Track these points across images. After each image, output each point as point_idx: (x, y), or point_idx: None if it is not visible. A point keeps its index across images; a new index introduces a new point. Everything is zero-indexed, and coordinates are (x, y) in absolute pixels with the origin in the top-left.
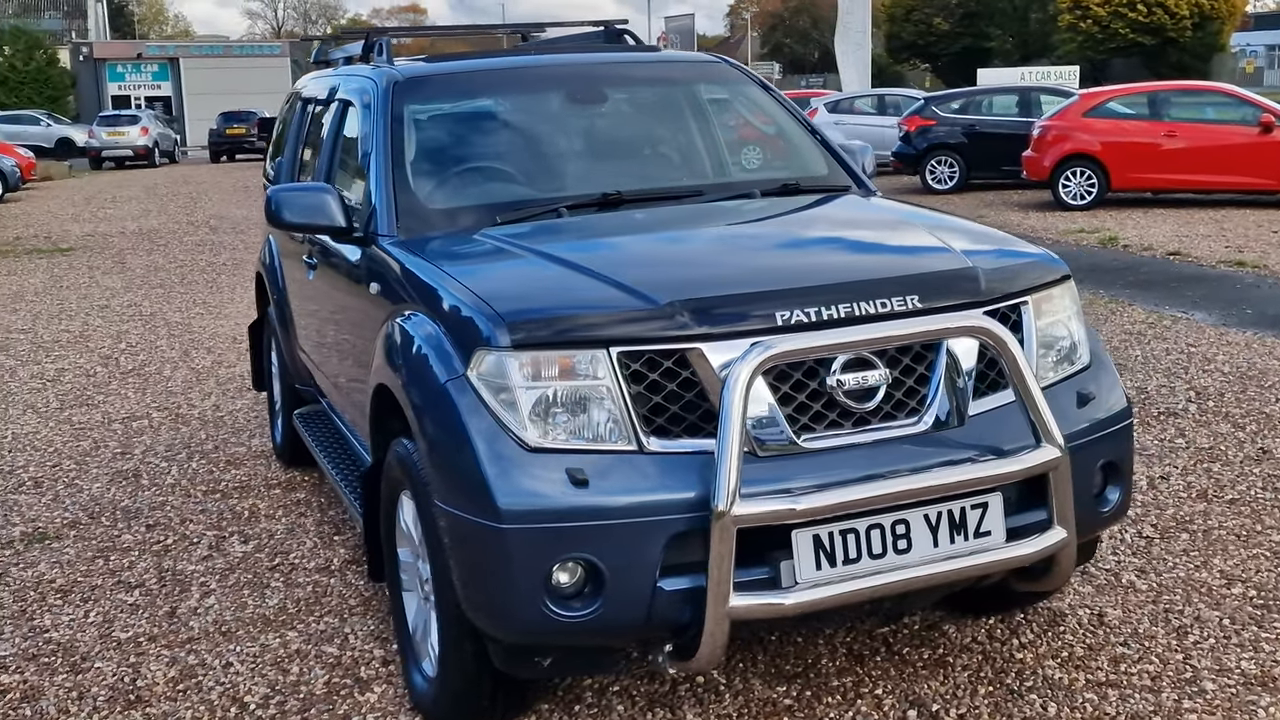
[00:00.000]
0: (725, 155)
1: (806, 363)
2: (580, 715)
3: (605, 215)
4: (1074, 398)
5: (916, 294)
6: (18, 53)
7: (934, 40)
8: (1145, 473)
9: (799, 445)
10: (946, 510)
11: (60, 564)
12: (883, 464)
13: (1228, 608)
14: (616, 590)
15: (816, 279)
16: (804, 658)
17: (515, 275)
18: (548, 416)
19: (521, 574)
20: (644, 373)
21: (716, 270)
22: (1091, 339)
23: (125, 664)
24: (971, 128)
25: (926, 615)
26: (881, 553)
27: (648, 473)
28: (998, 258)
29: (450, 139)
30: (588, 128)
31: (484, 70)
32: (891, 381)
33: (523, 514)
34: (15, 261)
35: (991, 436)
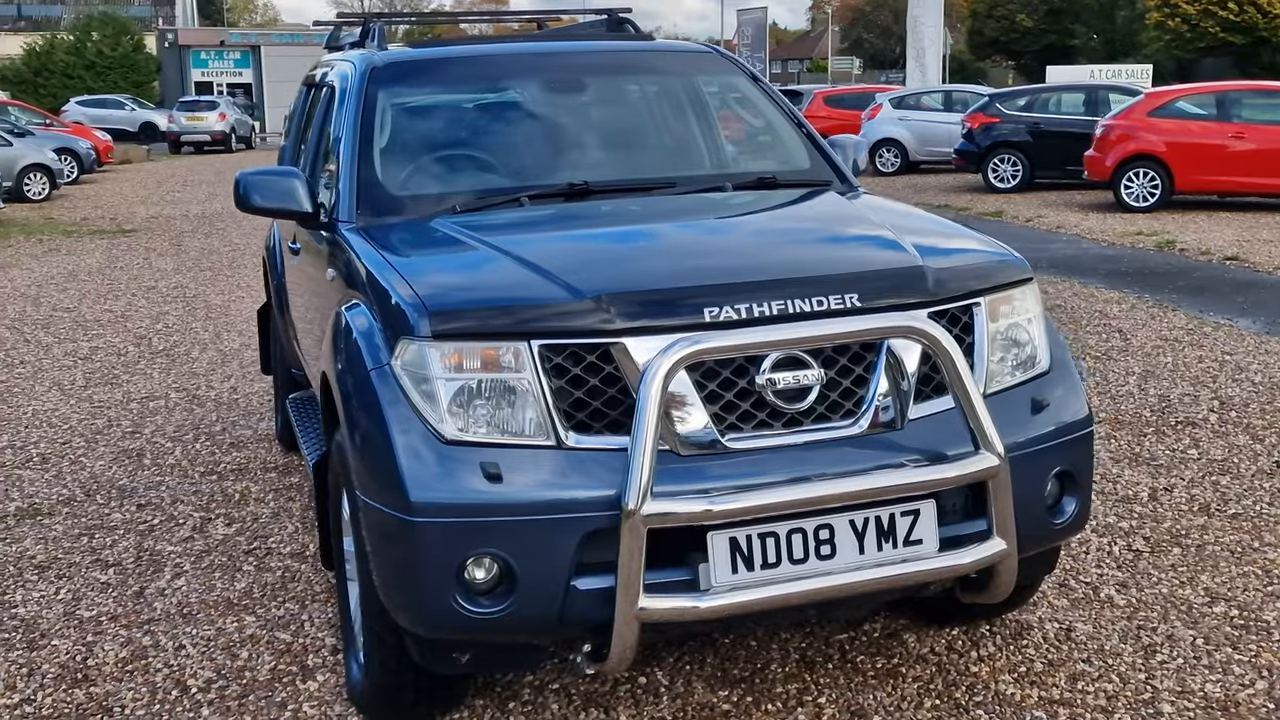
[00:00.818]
0: (704, 147)
1: (736, 360)
2: (514, 713)
3: (565, 206)
4: (1028, 404)
5: (856, 292)
6: (105, 38)
7: (1017, 37)
8: (1149, 484)
9: (723, 445)
10: (874, 516)
11: (45, 540)
12: (811, 466)
13: (1205, 627)
14: (528, 588)
15: (751, 275)
16: (754, 661)
17: (451, 265)
18: (467, 409)
19: (432, 569)
20: (566, 367)
21: (653, 264)
22: (1055, 344)
23: (81, 642)
24: (1036, 126)
25: (888, 623)
26: (803, 558)
27: (565, 469)
28: (954, 257)
29: (422, 126)
30: (564, 117)
31: (463, 57)
32: (827, 382)
33: (434, 507)
34: (77, 241)
35: (932, 441)
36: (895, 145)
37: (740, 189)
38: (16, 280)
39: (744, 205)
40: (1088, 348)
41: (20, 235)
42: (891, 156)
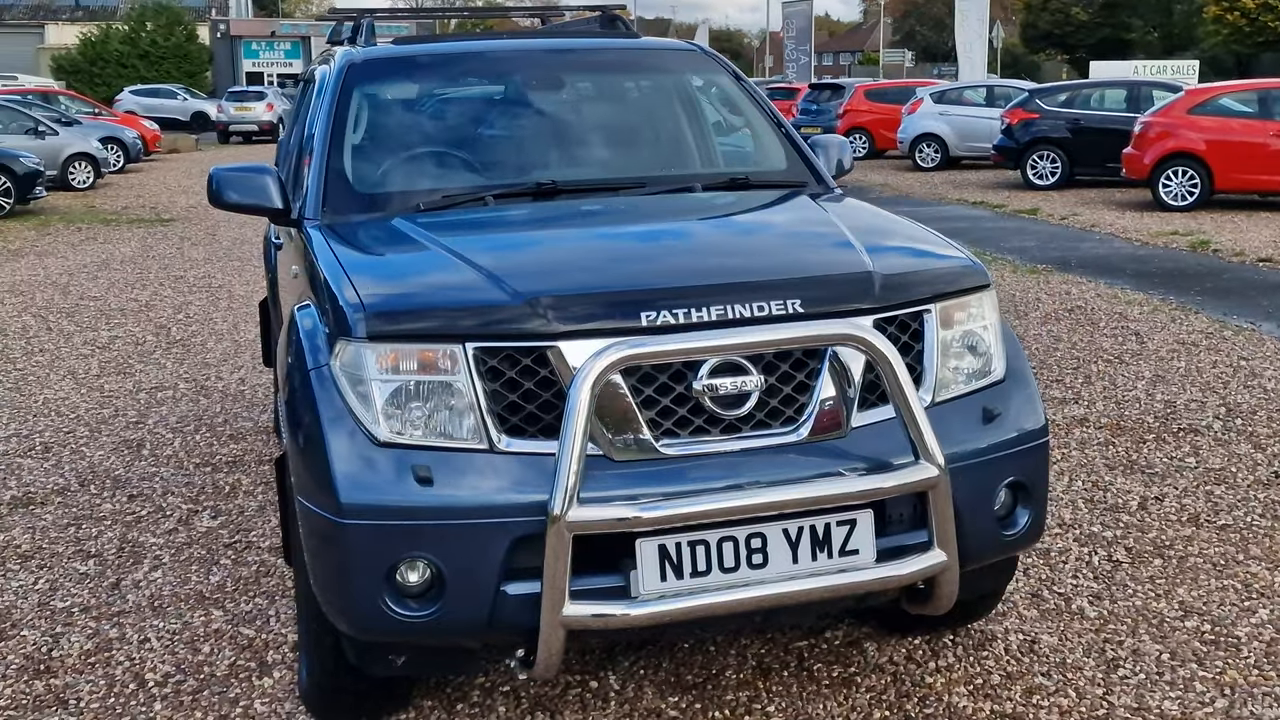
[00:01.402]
0: (680, 146)
1: (674, 365)
2: (461, 714)
3: (528, 206)
4: (979, 413)
5: (799, 298)
6: (159, 29)
7: (1071, 30)
8: (1141, 492)
9: (658, 450)
10: (809, 526)
11: (34, 529)
12: (747, 474)
13: (1174, 641)
14: (457, 592)
15: (693, 279)
16: (709, 667)
17: (397, 266)
18: (402, 411)
19: (361, 571)
20: (502, 370)
21: (596, 266)
22: (1012, 353)
23: (49, 633)
24: (1076, 122)
25: (850, 630)
26: (734, 567)
27: (497, 473)
28: (907, 263)
29: (394, 123)
30: (538, 115)
31: (441, 55)
32: (767, 388)
33: (363, 510)
34: (115, 230)
35: (876, 450)
36: (935, 140)
37: (712, 189)
38: (50, 268)
39: (706, 207)
40: (1101, 351)
41: (61, 224)
42: (931, 152)
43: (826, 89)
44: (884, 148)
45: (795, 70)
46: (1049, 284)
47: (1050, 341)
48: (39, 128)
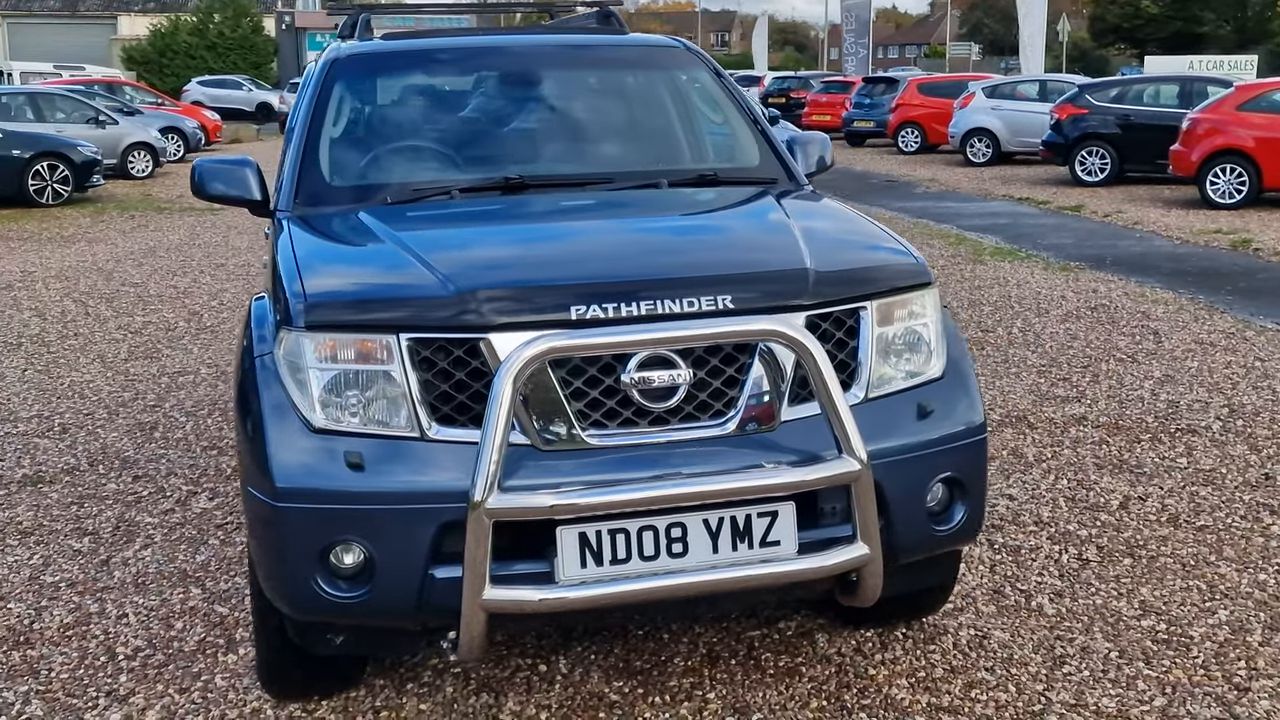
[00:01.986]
0: (653, 142)
1: (603, 358)
2: (410, 694)
3: (491, 200)
4: (913, 409)
5: (729, 294)
6: (226, 20)
7: (1141, 24)
8: (1125, 492)
9: (584, 441)
10: (730, 516)
11: (38, 507)
12: (670, 465)
13: (1126, 640)
14: (386, 574)
15: (625, 274)
16: (659, 654)
17: (347, 258)
18: (337, 399)
19: (294, 553)
20: (434, 360)
21: (534, 260)
22: (954, 351)
23: (34, 606)
24: (1126, 118)
25: (804, 621)
26: (654, 555)
27: (427, 460)
28: (847, 260)
29: (371, 117)
30: (512, 111)
31: (422, 50)
32: (696, 381)
33: (297, 494)
34: (167, 218)
35: (803, 444)
36: (987, 135)
37: (679, 185)
38: (98, 254)
39: (663, 203)
40: (1115, 349)
41: (115, 211)
42: (983, 147)
43: (880, 83)
44: (936, 142)
45: (854, 63)
46: (1077, 281)
47: (1065, 339)
48: (99, 117)
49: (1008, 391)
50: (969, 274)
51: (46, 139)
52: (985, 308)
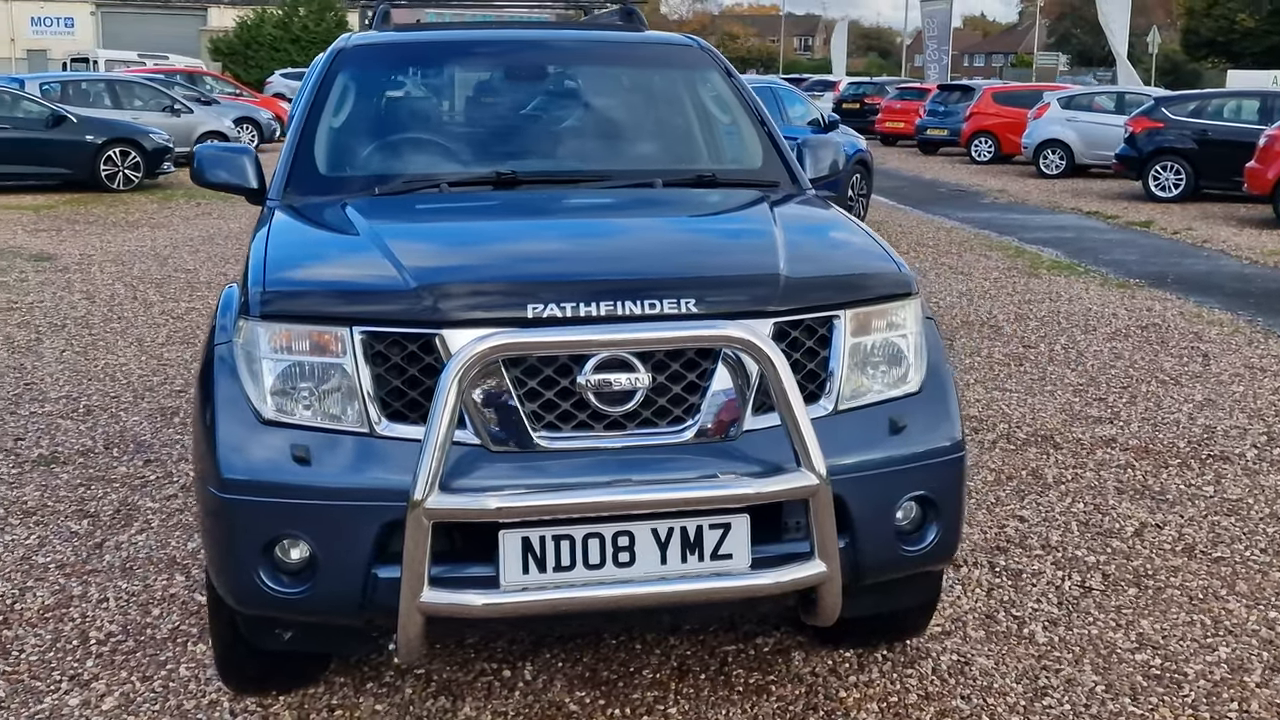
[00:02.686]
0: (655, 141)
1: (560, 359)
2: (368, 692)
3: (478, 195)
4: (885, 424)
5: (693, 297)
6: (310, 14)
7: (1237, 38)
8: (1143, 519)
9: (535, 444)
10: (680, 527)
11: (46, 488)
12: (624, 472)
13: (1115, 674)
14: (329, 571)
15: (584, 274)
16: (629, 665)
17: (314, 249)
18: (289, 391)
19: (238, 545)
20: (387, 355)
21: (500, 257)
22: (935, 366)
23: (20, 587)
24: (1203, 133)
25: (782, 639)
26: (599, 564)
27: (373, 457)
28: (823, 267)
29: (371, 108)
30: (513, 105)
31: (428, 42)
32: (656, 386)
33: (241, 485)
34: (230, 206)
35: (765, 455)
36: (1061, 147)
37: (674, 185)
38: (158, 240)
39: (649, 203)
40: (1159, 371)
41: (183, 198)
42: (1056, 159)
43: (956, 90)
44: (1010, 152)
45: (936, 70)
46: (1133, 299)
47: (1109, 358)
48: (175, 106)
49: (1038, 410)
50: (1021, 287)
51: (120, 125)
52: (1031, 322)
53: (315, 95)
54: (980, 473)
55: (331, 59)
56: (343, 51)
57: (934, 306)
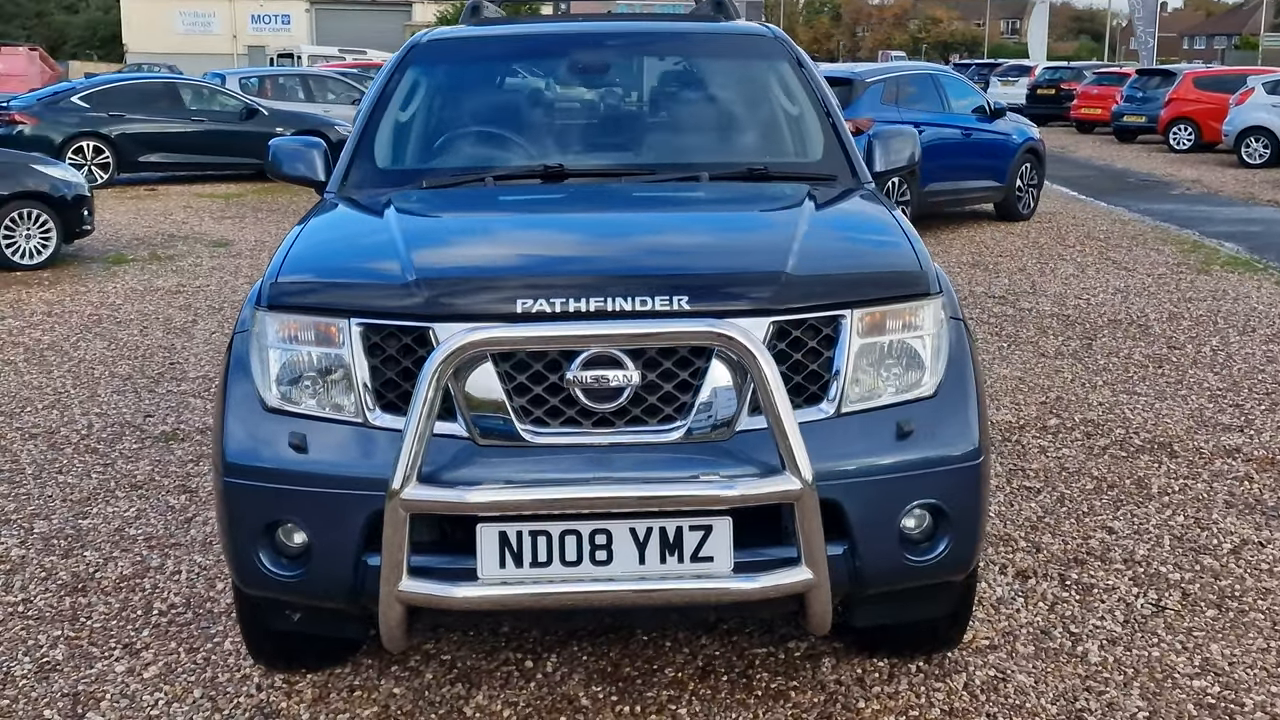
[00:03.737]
0: (709, 133)
1: (549, 354)
2: (391, 675)
3: (520, 188)
4: (892, 428)
5: (687, 295)
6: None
7: None
8: (1245, 535)
9: (522, 438)
10: (659, 527)
11: (159, 463)
12: (609, 469)
13: (1164, 701)
14: (321, 557)
15: (578, 269)
16: (653, 662)
17: (340, 241)
18: (292, 379)
19: (240, 527)
20: (384, 347)
21: (503, 251)
22: (956, 369)
23: (106, 556)
24: None
25: (816, 644)
26: (576, 561)
27: (366, 447)
28: (835, 266)
29: (433, 102)
30: (572, 99)
31: (501, 36)
32: (647, 384)
33: (242, 470)
34: None
35: (756, 456)
36: (1265, 134)
37: (722, 179)
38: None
39: (680, 197)
40: None
41: None
42: (1260, 147)
43: (1156, 75)
44: (1211, 140)
45: (1144, 53)
46: None
47: (1259, 362)
48: None
49: (1163, 415)
50: (1185, 285)
51: (308, 118)
52: (1184, 322)
53: (382, 90)
54: (1080, 480)
55: (403, 54)
56: (415, 47)
57: (1082, 304)
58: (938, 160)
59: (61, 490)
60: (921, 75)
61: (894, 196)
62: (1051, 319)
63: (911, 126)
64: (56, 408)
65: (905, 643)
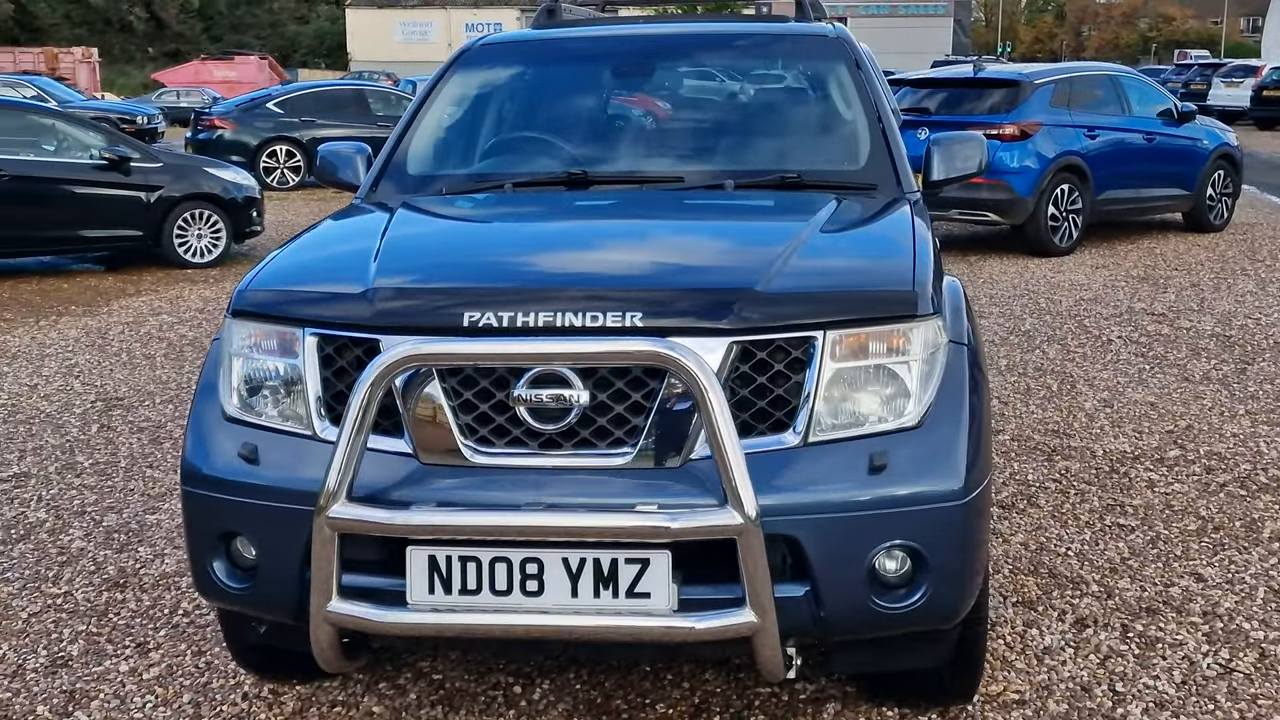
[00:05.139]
0: (744, 140)
1: (496, 371)
2: (375, 691)
3: (528, 195)
4: (863, 461)
5: (640, 312)
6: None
7: None
8: None
9: (464, 458)
10: (594, 559)
11: None
12: (551, 493)
13: None
14: (267, 571)
15: (531, 283)
16: (646, 696)
17: (323, 248)
18: (250, 389)
19: (194, 536)
20: (335, 358)
21: (468, 262)
22: (948, 398)
23: (158, 554)
24: None
25: (826, 685)
26: (506, 590)
27: (312, 460)
28: (814, 283)
29: (470, 108)
30: (614, 103)
31: (548, 40)
32: (597, 405)
33: (198, 479)
34: None
35: (711, 487)
36: None
37: (748, 187)
38: None
39: (684, 207)
40: None
41: None
42: None
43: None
44: None
45: None
46: None
47: None
48: None
49: None
50: None
51: None
52: None
53: (425, 95)
54: (1183, 519)
55: (453, 60)
56: (466, 52)
57: (1249, 325)
58: (1114, 167)
59: (144, 484)
60: (1098, 76)
61: (1063, 204)
62: (1210, 340)
63: (979, 133)
64: (173, 402)
65: (912, 691)
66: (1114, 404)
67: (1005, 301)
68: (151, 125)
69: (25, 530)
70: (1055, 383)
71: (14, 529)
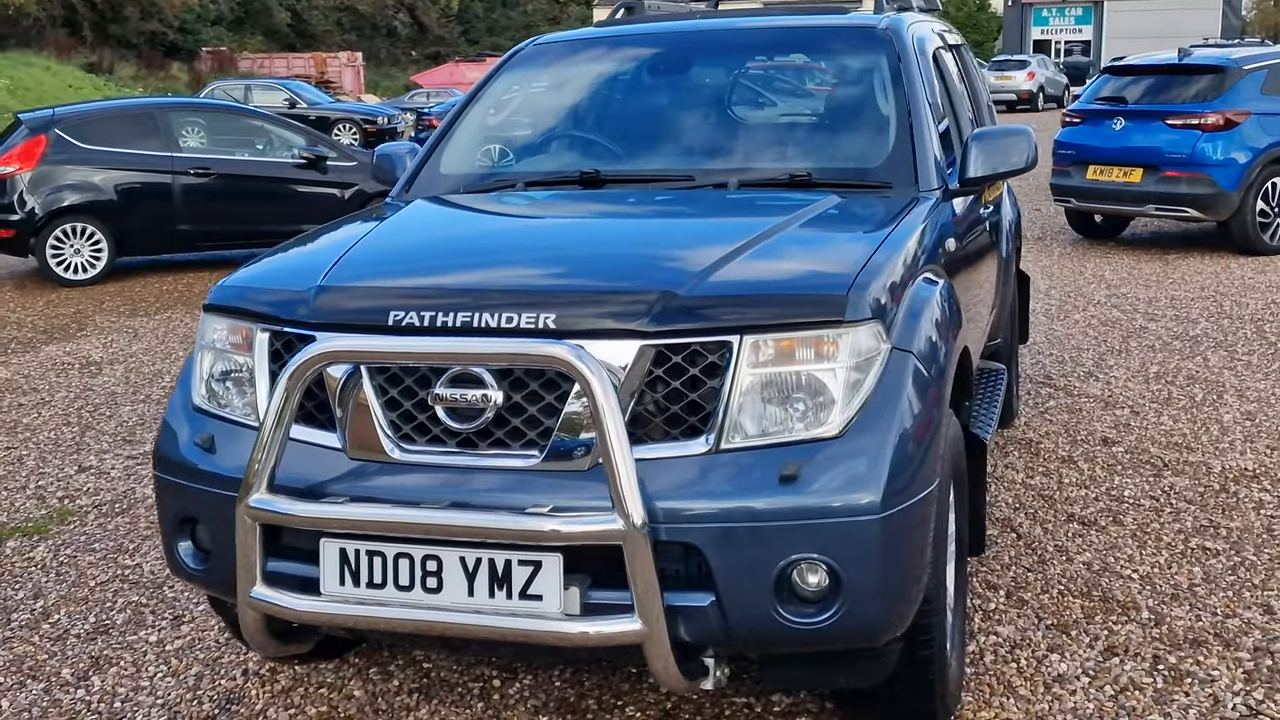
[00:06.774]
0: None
1: (420, 370)
2: (364, 677)
3: (543, 193)
4: (773, 471)
5: (554, 313)
6: None
7: None
8: None
9: (385, 454)
10: (488, 559)
11: None
12: (461, 492)
13: None
14: (217, 557)
15: (452, 284)
16: (618, 698)
17: (308, 247)
18: (215, 381)
19: (162, 519)
20: (283, 354)
21: (412, 261)
22: (877, 408)
23: None
24: None
25: (803, 700)
26: (409, 586)
27: None
28: (737, 286)
29: (511, 106)
30: (647, 101)
31: (594, 39)
32: (511, 405)
33: (164, 464)
34: None
35: None
36: None
37: (752, 185)
38: None
39: (663, 207)
40: None
41: None
42: None
43: None
44: None
45: None
46: None
47: None
48: None
49: None
50: None
51: None
52: None
53: (472, 94)
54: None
55: (506, 58)
56: (520, 50)
57: None
58: None
59: None
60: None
61: (1274, 200)
62: None
63: (1028, 126)
64: None
65: (870, 714)
66: (1257, 417)
67: (1185, 304)
68: (392, 125)
69: (128, 504)
70: (1201, 392)
71: (120, 502)
